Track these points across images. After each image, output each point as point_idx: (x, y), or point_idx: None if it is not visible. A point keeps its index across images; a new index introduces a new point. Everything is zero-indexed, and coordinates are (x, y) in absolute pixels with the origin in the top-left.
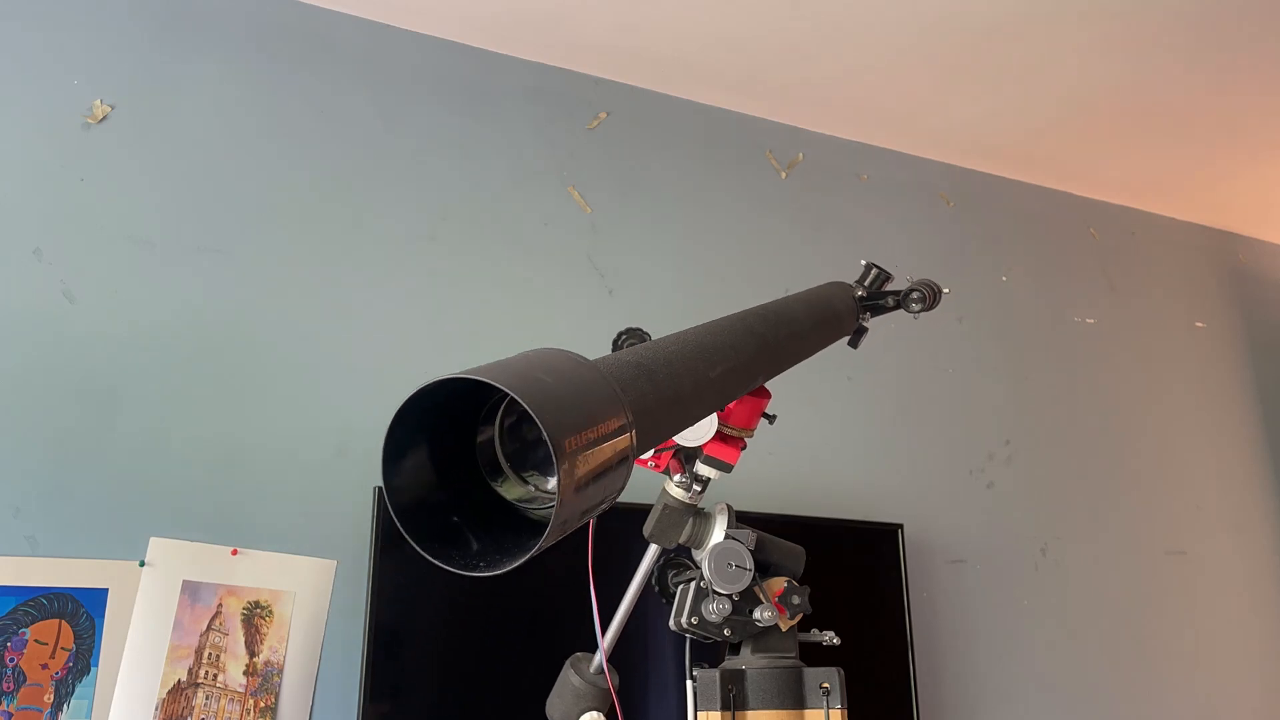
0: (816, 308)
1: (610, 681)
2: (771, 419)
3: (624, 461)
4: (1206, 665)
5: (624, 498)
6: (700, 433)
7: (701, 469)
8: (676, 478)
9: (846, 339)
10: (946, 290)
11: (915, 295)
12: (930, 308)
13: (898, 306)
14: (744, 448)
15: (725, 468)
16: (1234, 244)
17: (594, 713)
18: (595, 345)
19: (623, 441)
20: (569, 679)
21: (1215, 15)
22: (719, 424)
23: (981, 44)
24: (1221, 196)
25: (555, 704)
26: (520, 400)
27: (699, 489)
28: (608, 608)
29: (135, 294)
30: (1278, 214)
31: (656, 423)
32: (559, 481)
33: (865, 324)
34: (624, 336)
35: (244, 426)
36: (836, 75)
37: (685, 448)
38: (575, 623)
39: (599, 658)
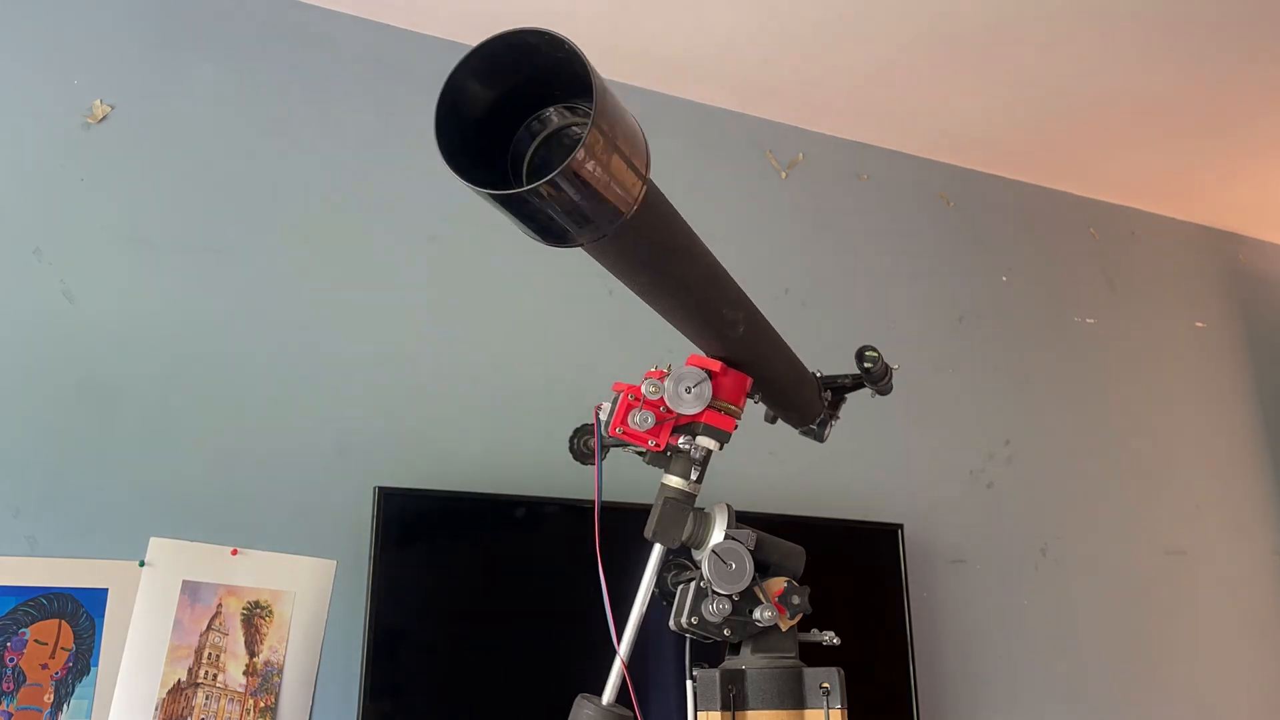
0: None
1: (620, 698)
2: (757, 399)
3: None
4: (1206, 665)
5: (624, 497)
6: (697, 395)
7: (702, 440)
8: (677, 466)
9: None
10: (895, 366)
11: (868, 362)
12: (879, 381)
13: (857, 385)
14: (736, 426)
15: (724, 436)
16: (1234, 244)
17: None
18: (596, 345)
19: (634, 184)
20: (581, 713)
21: (1215, 15)
22: (713, 400)
23: (981, 44)
24: (1221, 196)
25: None
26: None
27: (697, 474)
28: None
29: (135, 294)
30: (1278, 214)
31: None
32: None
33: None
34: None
35: (244, 426)
36: (836, 75)
37: (684, 415)
38: (576, 622)
39: (614, 682)
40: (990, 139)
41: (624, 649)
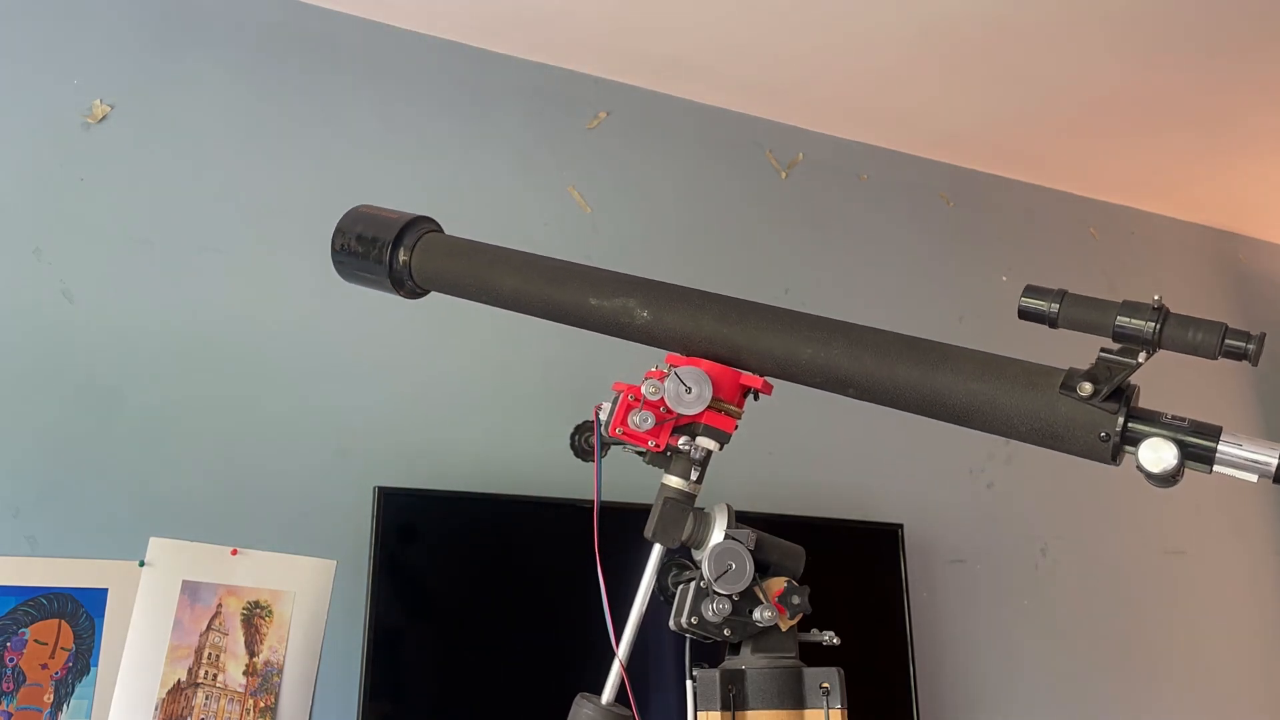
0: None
1: (619, 697)
2: (755, 396)
3: None
4: (1206, 665)
5: (625, 497)
6: (697, 396)
7: (702, 440)
8: (677, 467)
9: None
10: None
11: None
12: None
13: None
14: (736, 426)
15: (724, 437)
16: (1234, 244)
17: None
18: (595, 345)
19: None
20: (580, 713)
21: (1215, 15)
22: (712, 399)
23: (981, 44)
24: (1221, 196)
25: None
26: None
27: (697, 474)
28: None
29: (135, 294)
30: (1278, 214)
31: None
32: None
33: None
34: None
35: (244, 426)
36: (836, 75)
37: (684, 416)
38: (576, 622)
39: (612, 682)
40: (990, 139)
41: (623, 650)
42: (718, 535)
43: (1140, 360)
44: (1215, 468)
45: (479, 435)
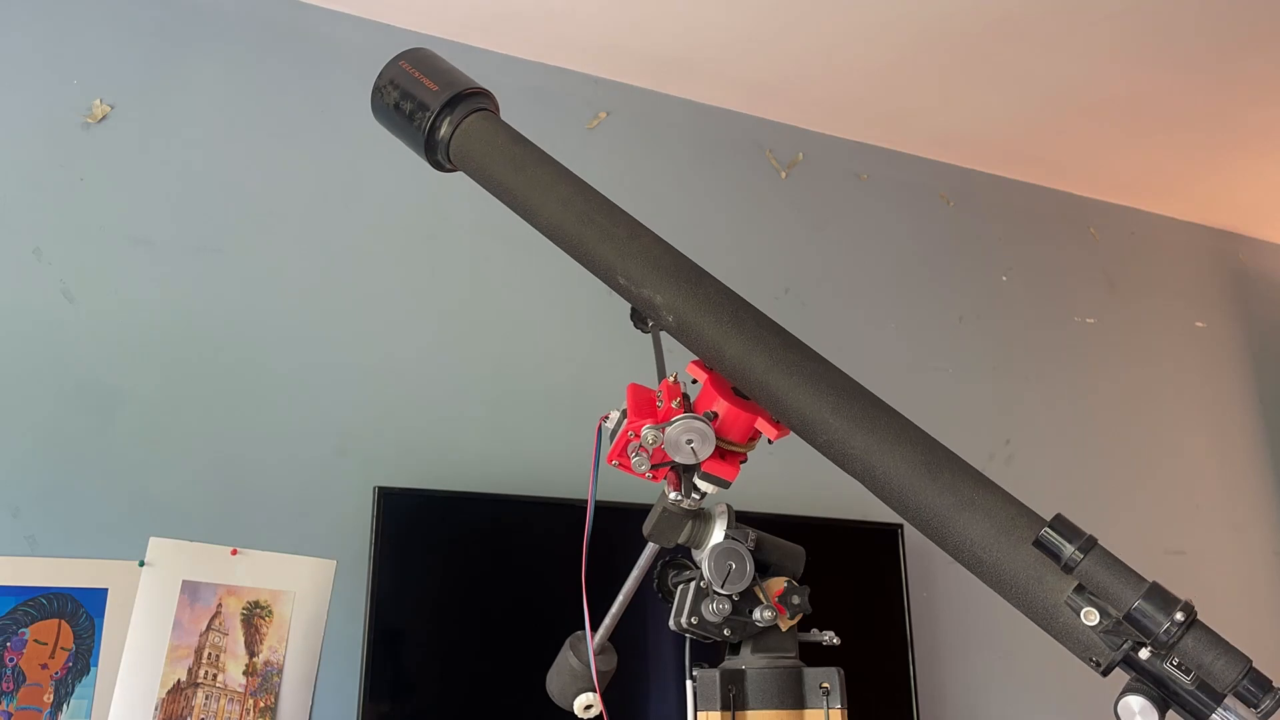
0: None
1: (596, 667)
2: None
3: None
4: None
5: (624, 497)
6: (697, 451)
7: (700, 484)
8: (674, 495)
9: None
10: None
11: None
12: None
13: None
14: (744, 461)
15: (723, 484)
16: (1234, 244)
17: (589, 694)
18: (596, 345)
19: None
20: (567, 659)
21: (1215, 15)
22: (718, 440)
23: (981, 44)
24: (1221, 196)
25: (554, 680)
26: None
27: (699, 495)
28: (605, 601)
29: (135, 294)
30: (1278, 214)
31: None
32: None
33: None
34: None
35: (243, 426)
36: (836, 75)
37: (683, 464)
38: (575, 622)
39: (594, 641)
40: (990, 139)
41: (597, 640)
42: (718, 535)
43: (1145, 656)
44: None
45: (479, 435)
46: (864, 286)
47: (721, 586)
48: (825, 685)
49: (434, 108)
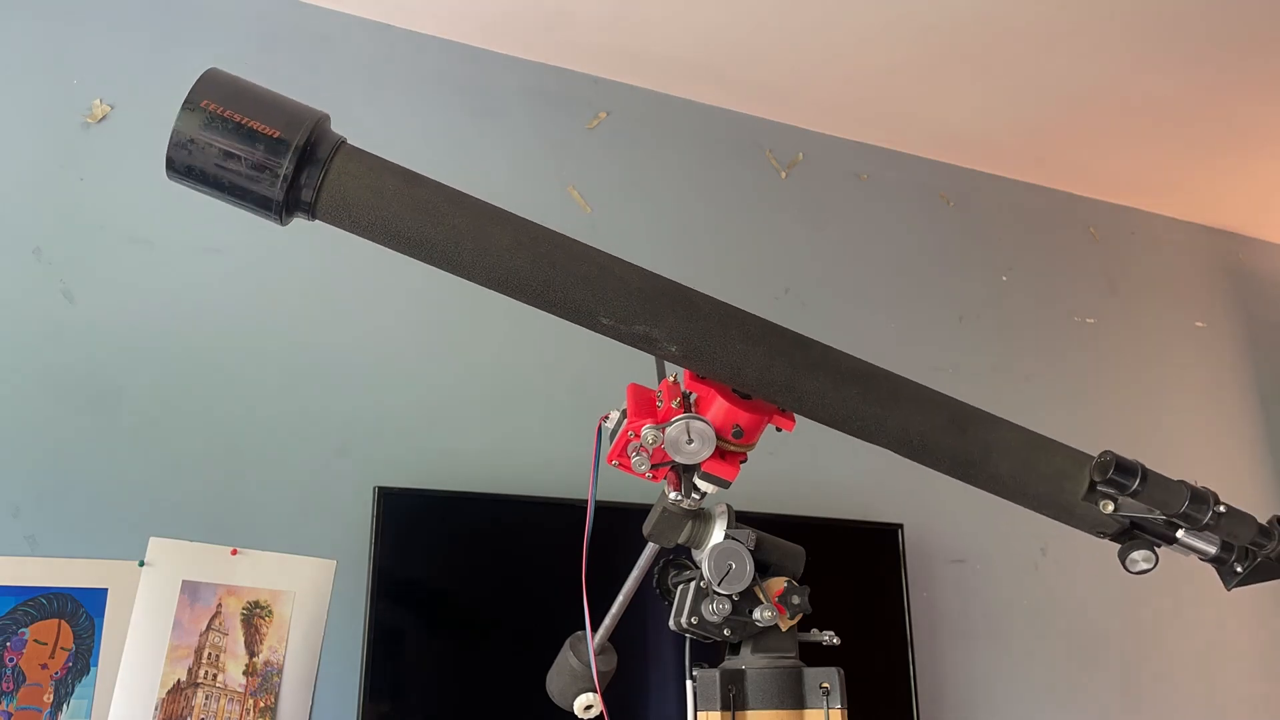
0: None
1: (597, 667)
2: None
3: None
4: (1206, 665)
5: (624, 497)
6: (697, 451)
7: (700, 484)
8: (673, 494)
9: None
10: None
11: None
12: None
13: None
14: (744, 461)
15: (723, 484)
16: (1234, 244)
17: (589, 694)
18: (595, 345)
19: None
20: (568, 659)
21: (1215, 15)
22: (718, 440)
23: (981, 43)
24: (1221, 196)
25: (554, 680)
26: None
27: (699, 495)
28: (605, 601)
29: (135, 294)
30: (1278, 214)
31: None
32: None
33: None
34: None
35: (244, 426)
36: (836, 75)
37: (683, 464)
38: (576, 622)
39: (594, 642)
40: (990, 139)
41: (598, 641)
42: (718, 535)
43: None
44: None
45: (479, 435)
46: (864, 286)
47: (721, 586)
48: (825, 685)
49: (285, 163)
